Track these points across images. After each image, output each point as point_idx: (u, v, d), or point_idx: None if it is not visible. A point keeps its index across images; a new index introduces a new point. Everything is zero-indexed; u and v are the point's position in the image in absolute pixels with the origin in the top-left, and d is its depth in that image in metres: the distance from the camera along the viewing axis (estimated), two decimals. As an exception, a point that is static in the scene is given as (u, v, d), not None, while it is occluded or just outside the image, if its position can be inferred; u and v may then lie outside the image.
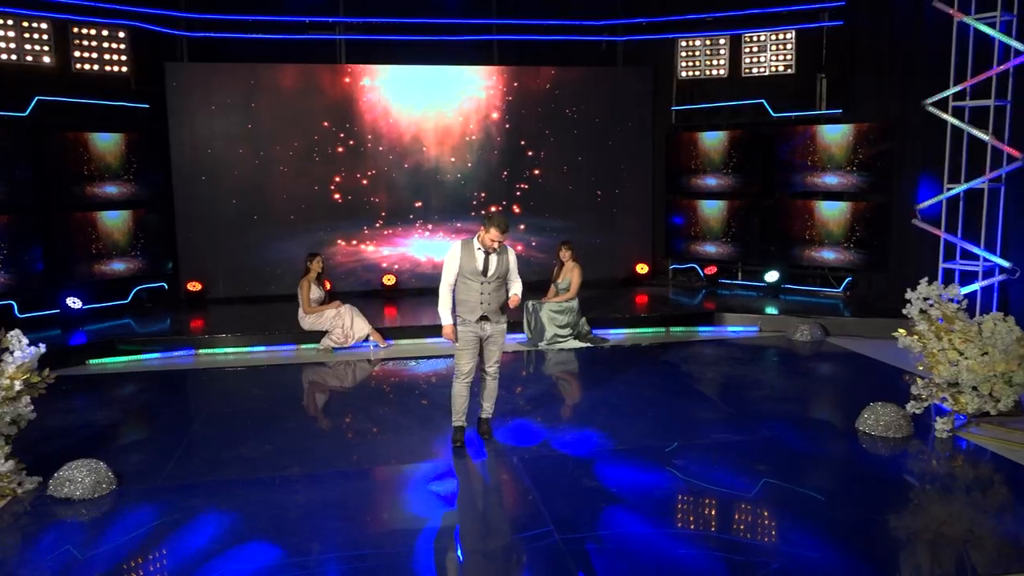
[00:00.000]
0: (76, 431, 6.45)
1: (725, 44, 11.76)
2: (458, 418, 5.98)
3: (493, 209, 11.95)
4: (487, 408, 6.12)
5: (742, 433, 6.21)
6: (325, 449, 6.02)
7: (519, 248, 12.06)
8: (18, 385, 5.04)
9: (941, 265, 9.00)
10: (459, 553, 4.42)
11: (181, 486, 5.30)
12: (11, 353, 5.12)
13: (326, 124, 11.45)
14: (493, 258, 5.77)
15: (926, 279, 6.24)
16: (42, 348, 5.29)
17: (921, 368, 6.34)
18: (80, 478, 5.09)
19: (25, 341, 5.18)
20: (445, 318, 5.89)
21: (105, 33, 10.33)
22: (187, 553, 4.39)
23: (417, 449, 5.97)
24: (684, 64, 12.05)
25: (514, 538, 4.56)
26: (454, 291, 5.87)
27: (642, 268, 12.46)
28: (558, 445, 5.97)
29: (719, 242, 11.95)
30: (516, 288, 5.91)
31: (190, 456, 5.87)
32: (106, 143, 10.36)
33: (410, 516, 4.86)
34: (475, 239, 5.80)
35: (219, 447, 6.04)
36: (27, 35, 9.72)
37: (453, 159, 11.90)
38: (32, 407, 5.19)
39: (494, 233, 5.65)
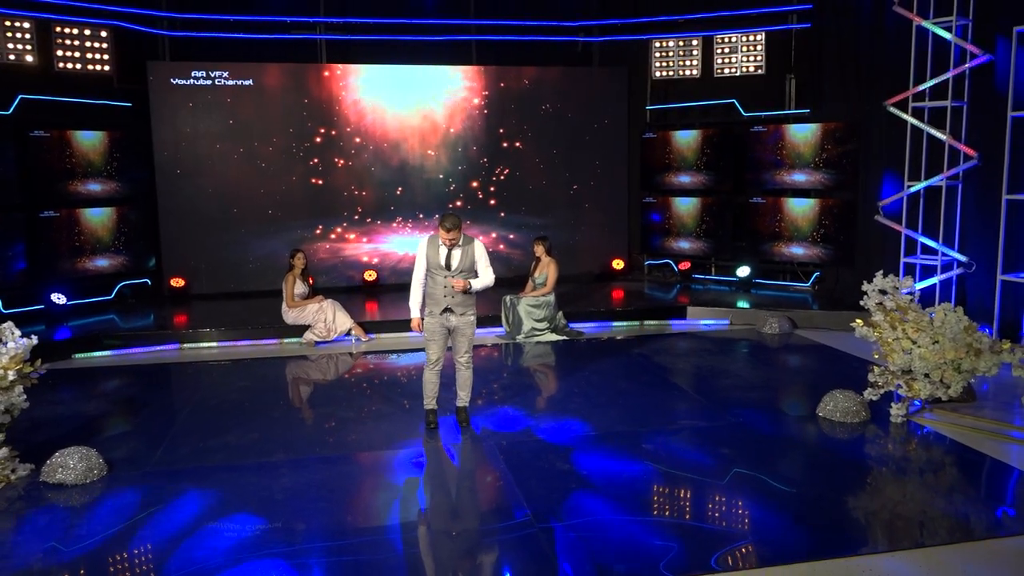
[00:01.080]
0: (65, 421, 6.62)
1: (698, 45, 12.07)
2: (429, 402, 6.27)
3: (456, 208, 12.18)
4: (463, 397, 6.36)
5: (710, 420, 6.50)
6: (308, 436, 6.25)
7: (499, 246, 12.33)
8: (11, 375, 5.22)
9: (903, 260, 9.36)
10: (432, 529, 4.66)
11: (170, 471, 5.51)
12: (4, 344, 5.30)
13: (307, 122, 11.64)
14: (456, 252, 6.01)
15: (880, 272, 6.56)
16: (34, 339, 5.47)
17: (877, 357, 6.66)
18: (72, 464, 5.28)
19: (17, 332, 5.36)
20: (413, 311, 6.21)
21: (88, 32, 10.46)
22: (178, 531, 4.60)
23: (397, 436, 6.21)
24: (658, 64, 12.35)
25: (486, 519, 4.81)
26: (424, 285, 6.13)
27: (618, 264, 12.76)
28: (533, 432, 6.23)
29: (692, 238, 12.26)
30: (479, 280, 6.07)
31: (177, 444, 6.07)
32: (89, 141, 10.49)
33: (389, 497, 5.09)
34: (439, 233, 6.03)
35: (206, 436, 6.24)
36: (9, 34, 9.84)
37: (433, 156, 12.12)
38: (25, 396, 5.37)
39: (443, 233, 5.92)
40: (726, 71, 11.86)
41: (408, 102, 11.96)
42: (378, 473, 5.53)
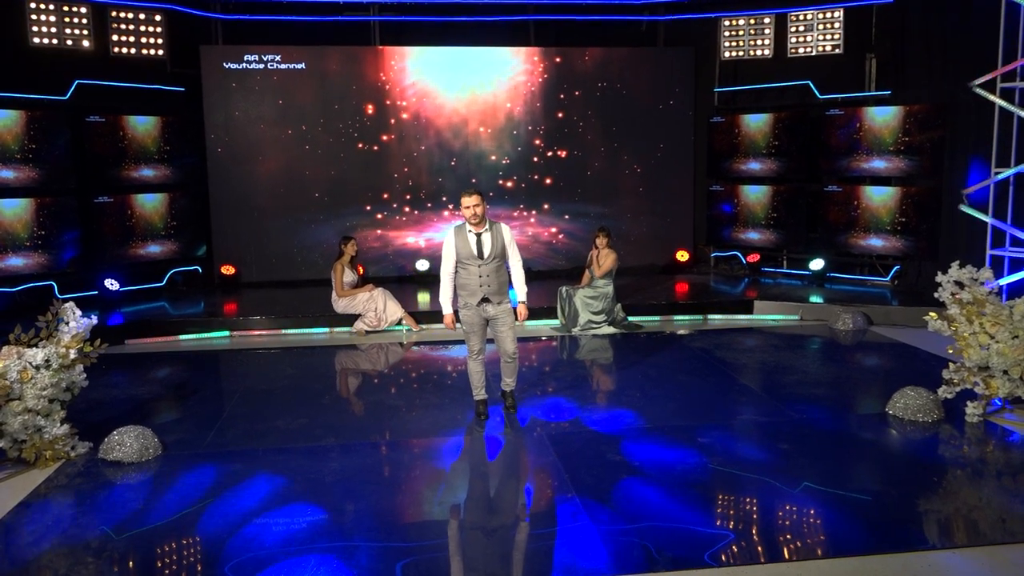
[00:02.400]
0: (119, 404, 7.14)
1: (770, 23, 12.11)
2: (478, 392, 6.59)
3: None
4: (508, 382, 6.65)
5: (771, 415, 6.66)
6: (358, 423, 6.66)
7: (557, 236, 12.58)
8: (73, 354, 5.71)
9: (989, 252, 9.30)
10: (478, 517, 4.96)
11: (222, 453, 5.94)
12: (67, 324, 5.79)
13: (359, 106, 12.08)
14: (487, 238, 6.24)
15: (957, 263, 6.61)
16: (94, 320, 5.96)
17: (951, 352, 6.72)
18: (129, 443, 5.74)
19: (79, 312, 5.85)
20: (445, 307, 6.42)
21: (142, 16, 11.07)
22: (232, 510, 5.00)
23: (445, 424, 6.55)
24: (727, 44, 12.43)
25: (534, 508, 5.09)
26: (456, 278, 6.34)
27: (682, 255, 12.89)
28: (585, 422, 6.49)
29: (762, 229, 12.32)
30: (518, 279, 6.35)
31: (229, 427, 6.52)
32: (143, 126, 11.11)
33: (436, 483, 5.41)
34: (465, 223, 6.26)
35: (256, 420, 6.68)
36: (67, 19, 10.49)
37: (488, 142, 12.44)
38: (85, 375, 5.86)
39: (465, 200, 6.11)
40: (801, 50, 11.88)
41: (463, 85, 12.30)
42: (426, 459, 5.86)
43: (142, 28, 11.09)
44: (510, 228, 6.43)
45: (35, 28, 10.33)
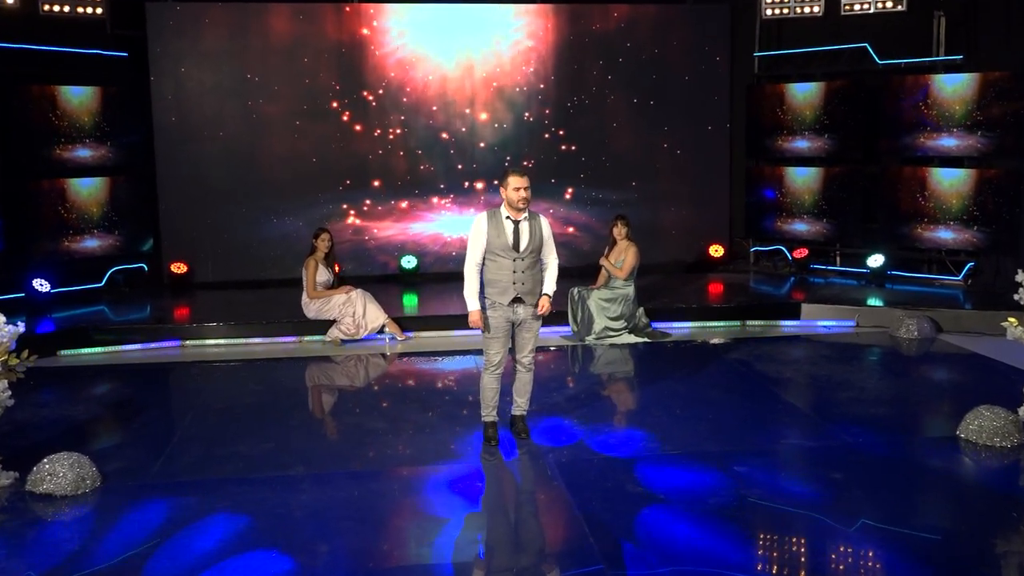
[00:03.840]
0: (50, 426, 7.16)
1: (820, -25, 12.13)
2: (489, 412, 6.55)
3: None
4: (520, 404, 6.66)
5: (821, 439, 6.67)
6: (333, 448, 6.67)
7: (567, 227, 12.59)
8: (-5, 367, 5.72)
9: (1080, 246, 9.30)
10: (483, 567, 4.97)
11: (172, 484, 5.95)
12: (-13, 332, 5.80)
13: (336, 75, 12.10)
14: (525, 227, 6.27)
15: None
16: (20, 327, 5.96)
17: (1035, 364, 6.73)
18: (62, 472, 5.74)
19: (2, 318, 5.85)
20: (472, 303, 6.37)
21: (78, -32, 11.08)
22: (184, 553, 5.00)
23: (438, 449, 6.55)
24: (770, 0, 12.44)
25: (542, 556, 5.10)
26: (482, 271, 6.36)
27: (716, 250, 12.90)
28: (600, 449, 6.49)
29: (812, 219, 12.33)
30: (551, 275, 6.39)
31: (180, 453, 6.53)
32: (78, 98, 11.15)
33: (429, 521, 5.42)
34: (502, 208, 6.31)
35: (212, 444, 6.68)
36: (-11, -28, 10.51)
37: (487, 117, 12.46)
38: (9, 392, 5.87)
39: (516, 181, 6.15)
40: (856, 7, 11.89)
41: (457, 50, 12.31)
42: (412, 492, 5.86)
43: (78, -18, 11.12)
44: (549, 223, 6.50)
45: (-49, -17, 10.37)
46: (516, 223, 6.27)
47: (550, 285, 6.43)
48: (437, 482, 5.99)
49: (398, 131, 12.30)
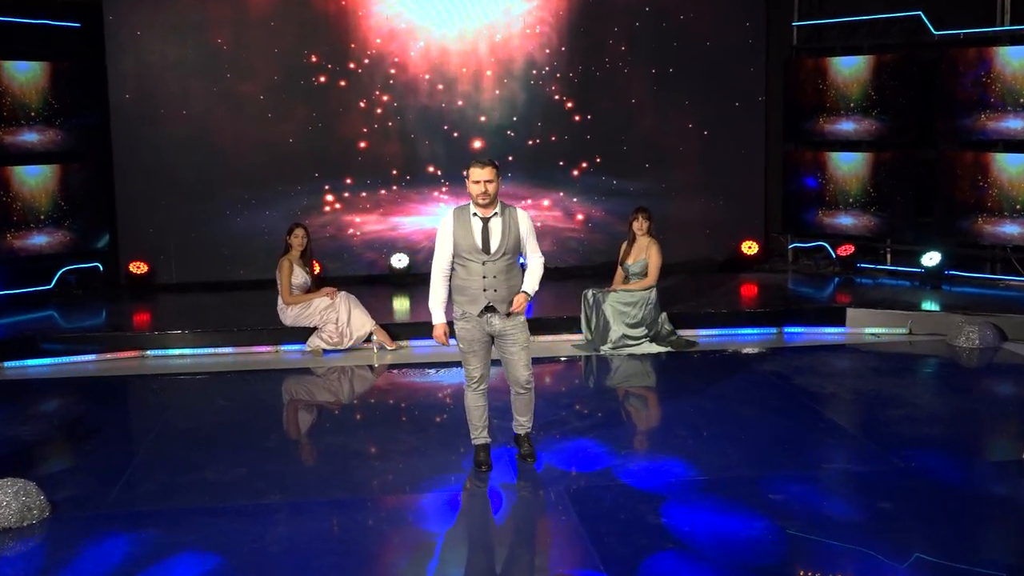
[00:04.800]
0: (-7, 449, 7.19)
1: (868, -66, 12.13)
2: (478, 435, 6.53)
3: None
4: (523, 422, 6.62)
5: (869, 463, 6.65)
6: (313, 474, 6.68)
7: (584, 220, 12.58)
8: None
9: None
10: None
11: (131, 514, 5.95)
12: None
13: (315, 50, 12.12)
14: (496, 225, 6.19)
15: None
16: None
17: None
18: (6, 502, 5.75)
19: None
20: (435, 315, 6.34)
21: (24, -72, 11.12)
22: (141, 592, 5.03)
23: (431, 475, 6.54)
24: (810, -38, 12.45)
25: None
26: (452, 278, 6.30)
27: (750, 247, 12.90)
28: (617, 474, 6.49)
29: (858, 211, 12.32)
30: (532, 274, 6.29)
31: (141, 479, 6.54)
32: (24, 75, 11.18)
33: (420, 556, 5.41)
34: (471, 204, 6.23)
35: (177, 469, 6.69)
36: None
37: (489, 97, 12.47)
38: (-54, 411, 5.89)
39: (476, 172, 6.07)
40: (909, -30, 11.89)
41: (454, 21, 12.33)
42: (403, 524, 5.87)
43: (24, -57, 11.15)
44: (528, 215, 6.40)
45: None
46: (485, 220, 6.18)
47: (531, 284, 6.30)
48: (430, 512, 6.00)
49: (389, 111, 12.32)
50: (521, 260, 6.36)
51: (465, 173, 6.23)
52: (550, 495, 6.18)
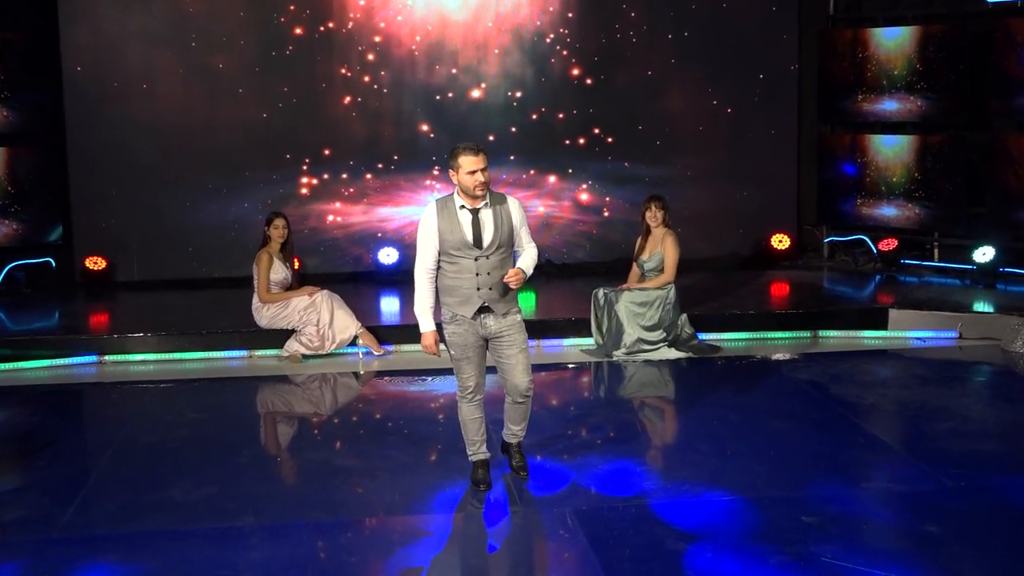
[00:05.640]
0: (-67, 465, 7.20)
1: None
2: (475, 450, 6.54)
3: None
4: (515, 430, 6.59)
5: (915, 482, 6.65)
6: (291, 493, 6.67)
7: (594, 212, 12.58)
8: None
9: None
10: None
11: (87, 538, 5.94)
12: None
13: (291, 18, 12.11)
14: (487, 216, 6.16)
15: None
16: None
17: None
18: (-53, 524, 5.78)
19: None
20: (423, 322, 6.31)
21: None
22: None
23: (423, 495, 6.55)
24: (849, -78, 12.46)
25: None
26: (440, 278, 6.26)
27: (781, 241, 12.90)
28: (632, 492, 6.49)
29: (902, 201, 12.32)
30: (527, 257, 6.27)
31: (98, 500, 6.54)
32: (-32, 47, 11.18)
33: (412, 584, 5.45)
34: (455, 195, 6.18)
35: (140, 489, 6.69)
36: None
37: (492, 72, 12.47)
38: None
39: (470, 162, 5.99)
40: (960, -69, 11.90)
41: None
42: (392, 549, 5.85)
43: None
44: (519, 202, 6.39)
45: None
46: (475, 212, 6.15)
47: (526, 263, 6.26)
48: (421, 536, 5.99)
49: (379, 88, 12.32)
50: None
51: (451, 163, 6.13)
52: (556, 517, 6.17)
